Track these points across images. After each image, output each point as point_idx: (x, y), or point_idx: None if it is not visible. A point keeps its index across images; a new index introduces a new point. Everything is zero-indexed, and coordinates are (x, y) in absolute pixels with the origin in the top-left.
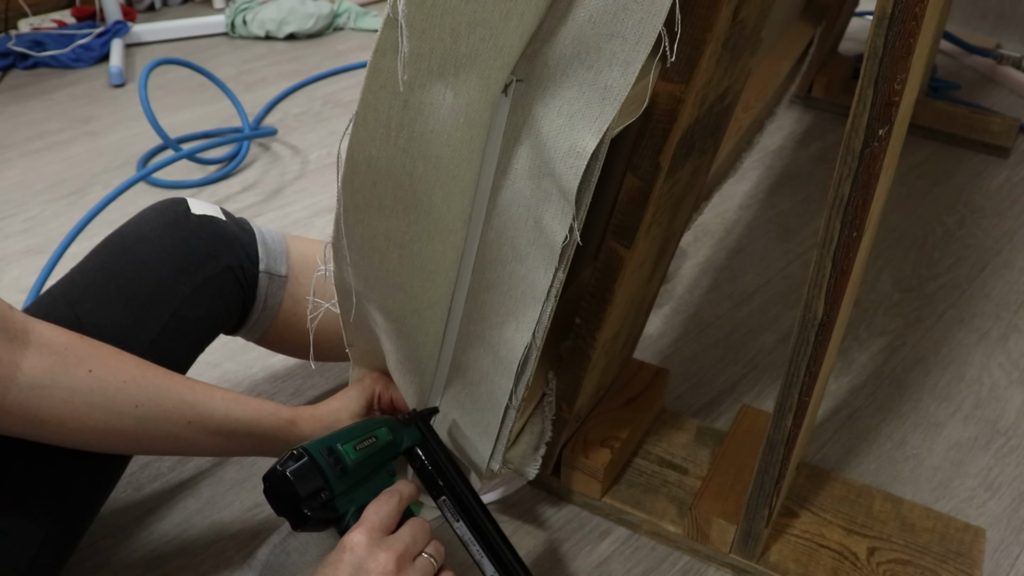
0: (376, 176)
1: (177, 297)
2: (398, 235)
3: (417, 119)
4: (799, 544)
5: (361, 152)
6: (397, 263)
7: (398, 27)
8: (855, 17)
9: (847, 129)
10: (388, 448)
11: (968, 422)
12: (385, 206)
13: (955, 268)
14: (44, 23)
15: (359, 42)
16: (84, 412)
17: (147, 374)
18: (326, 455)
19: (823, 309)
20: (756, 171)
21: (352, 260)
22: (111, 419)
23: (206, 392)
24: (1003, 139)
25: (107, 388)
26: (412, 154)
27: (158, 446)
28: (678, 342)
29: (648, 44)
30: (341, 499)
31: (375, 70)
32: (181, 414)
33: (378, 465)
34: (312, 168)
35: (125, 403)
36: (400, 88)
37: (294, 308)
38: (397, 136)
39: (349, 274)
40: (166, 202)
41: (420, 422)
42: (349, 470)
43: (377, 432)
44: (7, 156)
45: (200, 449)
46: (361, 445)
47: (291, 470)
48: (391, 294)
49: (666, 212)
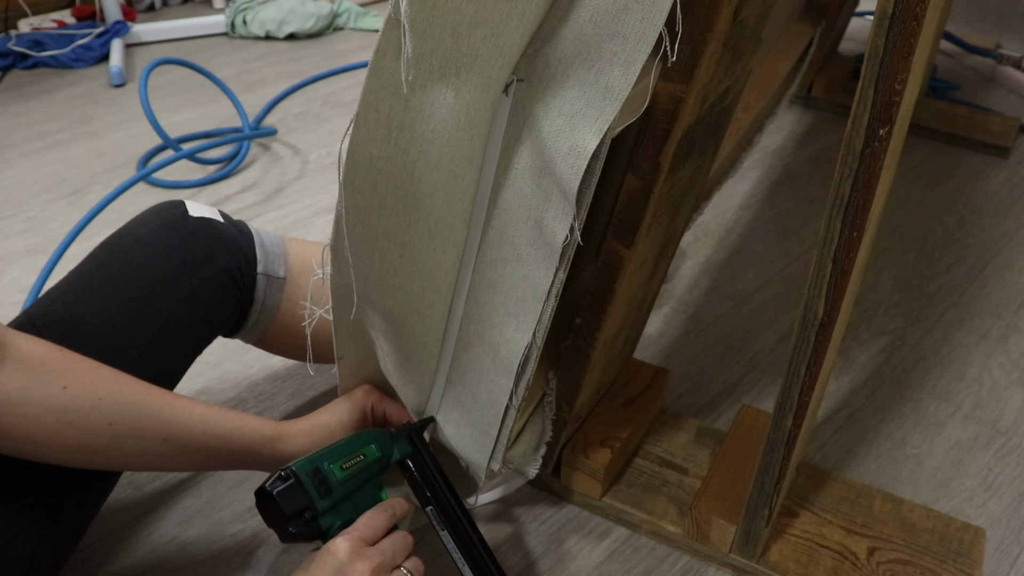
0: (377, 176)
1: (174, 299)
2: (399, 235)
3: (418, 119)
4: (799, 544)
5: (362, 153)
6: (398, 263)
7: (400, 27)
8: (855, 17)
9: (847, 129)
10: (376, 464)
11: (968, 422)
12: (386, 206)
13: (955, 268)
14: (44, 23)
15: (359, 42)
16: (56, 430)
17: (124, 391)
18: (312, 476)
19: (823, 309)
20: (756, 171)
21: (353, 261)
22: (85, 437)
23: (185, 408)
24: (1003, 139)
25: (81, 406)
26: (413, 154)
27: (134, 463)
28: (678, 342)
29: (649, 44)
30: (325, 517)
31: (376, 70)
32: (157, 432)
33: (364, 481)
34: (312, 168)
35: (99, 421)
36: (403, 89)
37: (292, 310)
38: (398, 136)
39: (350, 275)
40: (164, 204)
41: (412, 434)
42: (333, 489)
43: (365, 449)
44: (7, 156)
45: (179, 465)
46: (348, 464)
47: (277, 491)
48: (392, 294)
49: (666, 212)
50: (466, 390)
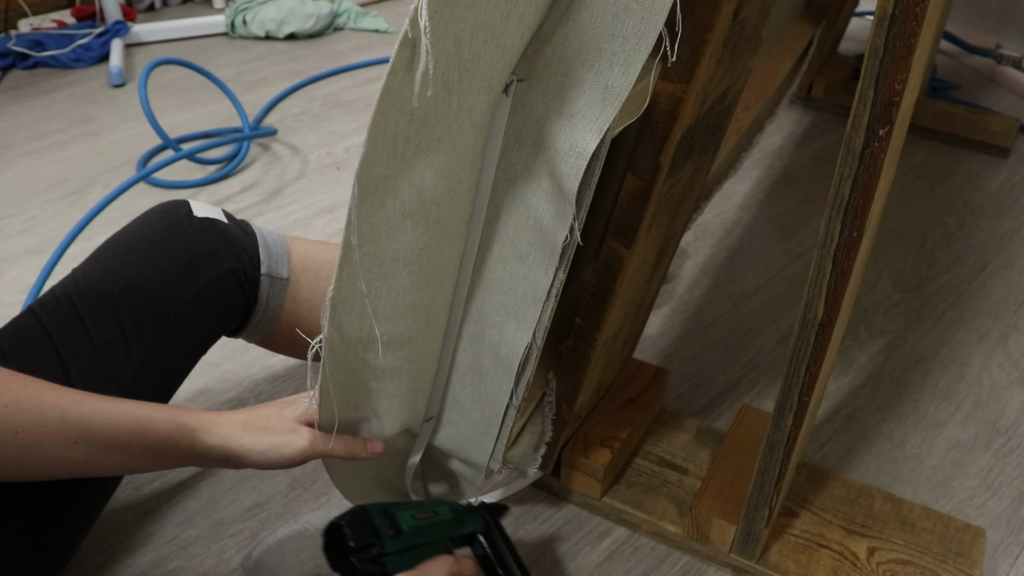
0: (384, 197)
1: (179, 300)
2: (407, 252)
3: (424, 130)
4: (799, 544)
5: (369, 176)
6: (408, 282)
7: (412, 45)
8: (855, 17)
9: (847, 129)
10: (448, 525)
11: (968, 422)
12: (394, 226)
13: (955, 268)
14: (44, 23)
15: (359, 42)
16: None
17: (31, 395)
18: (381, 514)
19: (823, 309)
20: (756, 171)
21: (369, 303)
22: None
23: (96, 405)
24: (1003, 139)
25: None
26: (420, 166)
27: (50, 470)
28: (678, 342)
29: (649, 44)
30: (392, 559)
31: (387, 91)
32: (66, 434)
33: (436, 539)
34: (312, 168)
35: (5, 431)
36: (409, 104)
37: (295, 310)
38: (404, 151)
39: (367, 312)
40: (168, 204)
41: (487, 513)
42: (403, 533)
43: (438, 508)
44: (7, 156)
45: (98, 468)
46: (420, 515)
47: (346, 521)
48: (401, 316)
49: (666, 212)
50: (466, 390)
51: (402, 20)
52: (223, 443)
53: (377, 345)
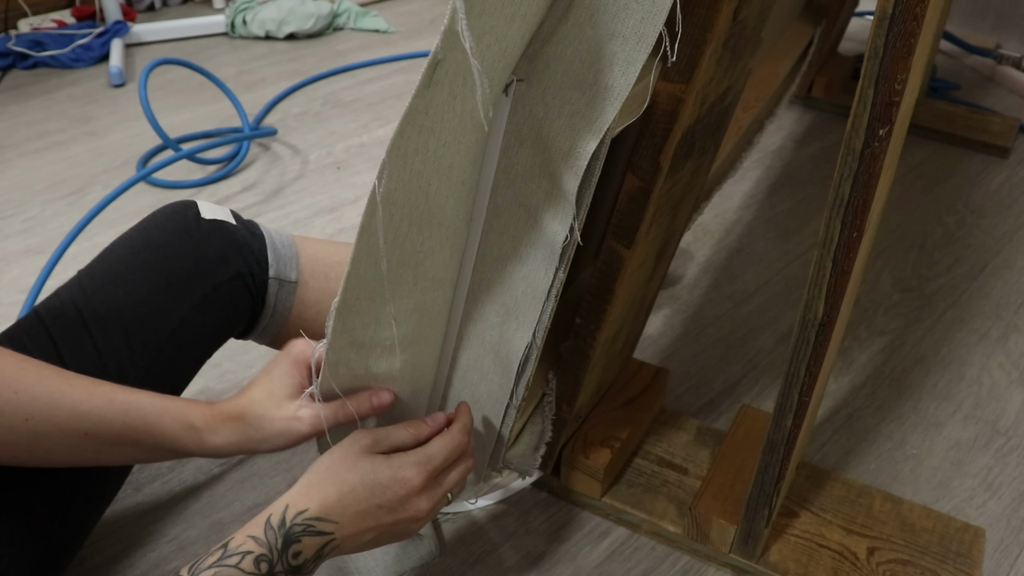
0: (393, 209)
1: (187, 304)
2: (412, 257)
3: (431, 138)
4: (799, 544)
5: (388, 197)
6: (412, 285)
7: (435, 65)
8: (855, 17)
9: (847, 129)
10: None
11: (968, 422)
12: (401, 234)
13: (955, 268)
14: (44, 23)
15: (359, 42)
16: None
17: (43, 382)
18: None
19: (823, 309)
20: (756, 171)
21: (375, 309)
22: (4, 434)
23: (106, 398)
24: (1003, 139)
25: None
26: (427, 173)
27: (61, 458)
28: (678, 342)
29: (649, 44)
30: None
31: (412, 111)
32: (75, 427)
33: None
34: (312, 168)
35: (15, 417)
36: (419, 119)
37: (304, 313)
38: (412, 161)
39: (371, 319)
40: (176, 205)
41: None
42: None
43: None
44: (7, 156)
45: (109, 459)
46: None
47: None
48: (405, 321)
49: (666, 212)
50: (466, 390)
51: (402, 20)
52: (226, 442)
53: (380, 350)
